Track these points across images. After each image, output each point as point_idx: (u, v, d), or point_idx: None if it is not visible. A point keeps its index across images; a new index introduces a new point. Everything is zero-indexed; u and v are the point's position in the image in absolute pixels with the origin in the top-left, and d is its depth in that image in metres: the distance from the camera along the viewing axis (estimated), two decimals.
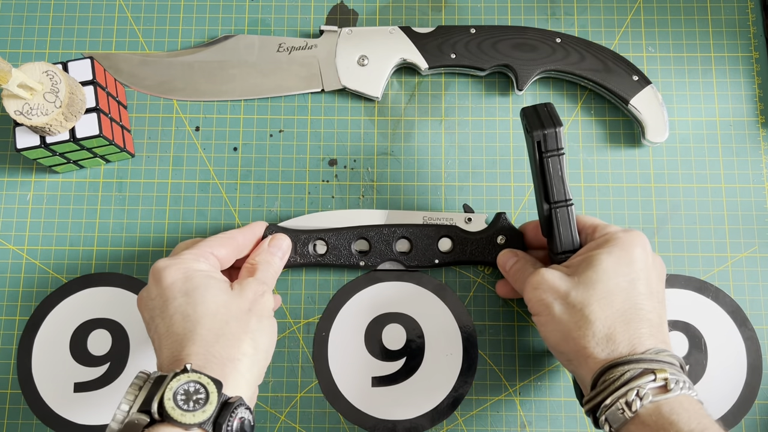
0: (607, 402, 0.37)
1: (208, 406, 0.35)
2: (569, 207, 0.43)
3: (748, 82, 0.57)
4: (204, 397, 0.35)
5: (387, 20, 0.59)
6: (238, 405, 0.36)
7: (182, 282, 0.40)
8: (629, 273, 0.40)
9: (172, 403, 0.34)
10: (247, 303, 0.41)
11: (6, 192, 0.55)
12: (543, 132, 0.41)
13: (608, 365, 0.38)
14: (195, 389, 0.35)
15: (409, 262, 0.52)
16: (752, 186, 0.55)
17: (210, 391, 0.35)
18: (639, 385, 0.37)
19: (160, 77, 0.57)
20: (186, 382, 0.35)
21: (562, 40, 0.55)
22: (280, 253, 0.48)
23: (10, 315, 0.53)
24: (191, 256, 0.43)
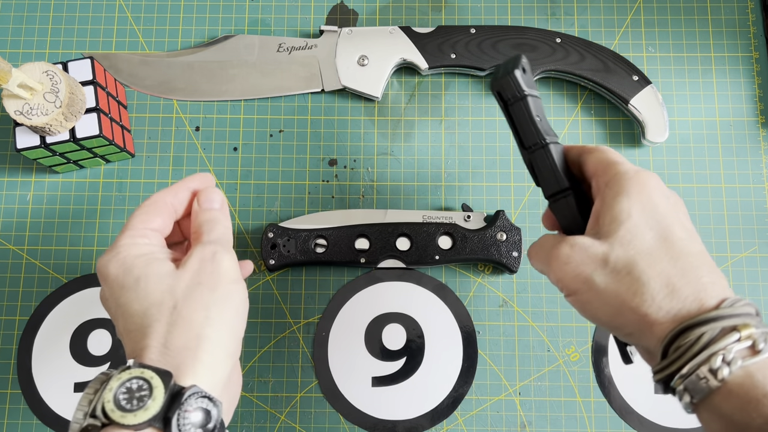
0: (685, 371, 0.31)
1: (152, 402, 0.31)
2: (545, 148, 0.39)
3: (748, 82, 0.57)
4: (147, 393, 0.31)
5: (387, 20, 0.59)
6: (191, 395, 0.32)
7: (123, 276, 0.36)
8: (661, 219, 0.35)
9: (112, 405, 0.31)
10: (192, 277, 0.36)
11: (6, 192, 0.55)
12: (499, 82, 0.40)
13: (681, 329, 0.32)
14: (138, 386, 0.32)
15: (409, 260, 0.52)
16: (752, 186, 0.55)
17: (154, 385, 0.32)
18: (723, 347, 0.30)
19: (160, 77, 0.57)
20: (128, 380, 0.32)
21: (562, 40, 0.55)
22: (216, 204, 0.41)
23: (10, 315, 0.53)
24: (127, 240, 0.38)
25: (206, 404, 0.33)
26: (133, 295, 0.36)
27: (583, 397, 0.52)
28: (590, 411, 0.52)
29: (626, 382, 0.52)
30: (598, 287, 0.34)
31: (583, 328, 0.53)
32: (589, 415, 0.52)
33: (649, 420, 0.51)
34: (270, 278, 0.54)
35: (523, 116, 0.39)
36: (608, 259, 0.34)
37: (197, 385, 0.33)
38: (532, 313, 0.53)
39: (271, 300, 0.54)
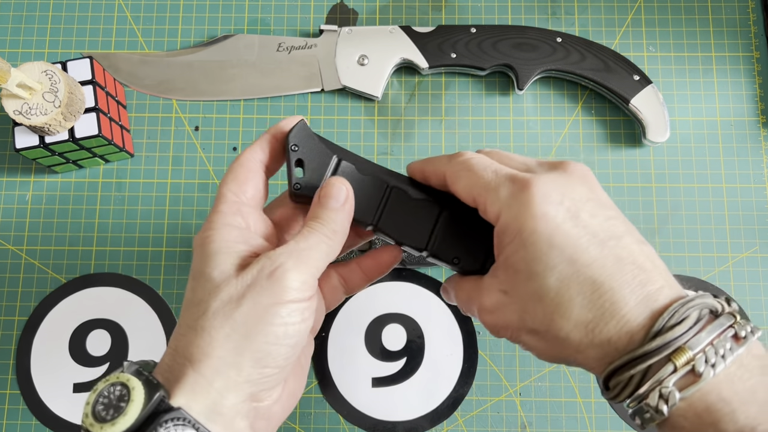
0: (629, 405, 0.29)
1: (121, 418, 0.27)
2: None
3: (749, 81, 0.57)
4: (125, 405, 0.28)
5: (387, 20, 0.59)
6: (171, 418, 0.28)
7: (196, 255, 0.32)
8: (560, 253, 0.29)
9: (90, 410, 0.28)
10: (241, 286, 0.30)
11: (5, 192, 0.55)
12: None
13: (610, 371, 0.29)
14: (120, 393, 0.28)
15: (410, 260, 0.52)
16: (753, 186, 0.55)
17: (133, 397, 0.28)
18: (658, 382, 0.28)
19: (159, 77, 0.57)
20: (112, 384, 0.28)
21: (562, 40, 0.55)
22: (337, 203, 0.34)
23: (9, 315, 0.53)
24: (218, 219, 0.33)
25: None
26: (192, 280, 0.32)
27: (583, 397, 0.52)
28: (591, 411, 0.52)
29: None
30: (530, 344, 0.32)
31: None
32: (589, 416, 0.51)
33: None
34: None
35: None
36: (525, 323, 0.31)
37: (183, 410, 0.28)
38: None
39: None
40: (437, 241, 0.36)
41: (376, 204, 0.37)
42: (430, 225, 0.37)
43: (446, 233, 0.36)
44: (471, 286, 0.34)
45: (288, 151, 0.37)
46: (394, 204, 0.37)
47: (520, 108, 0.57)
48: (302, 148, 0.37)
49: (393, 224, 0.37)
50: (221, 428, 0.29)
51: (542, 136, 0.56)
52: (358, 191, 0.37)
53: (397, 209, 0.37)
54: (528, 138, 0.56)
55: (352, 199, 0.35)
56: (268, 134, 0.36)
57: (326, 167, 0.37)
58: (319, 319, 0.37)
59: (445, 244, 0.36)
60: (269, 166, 0.36)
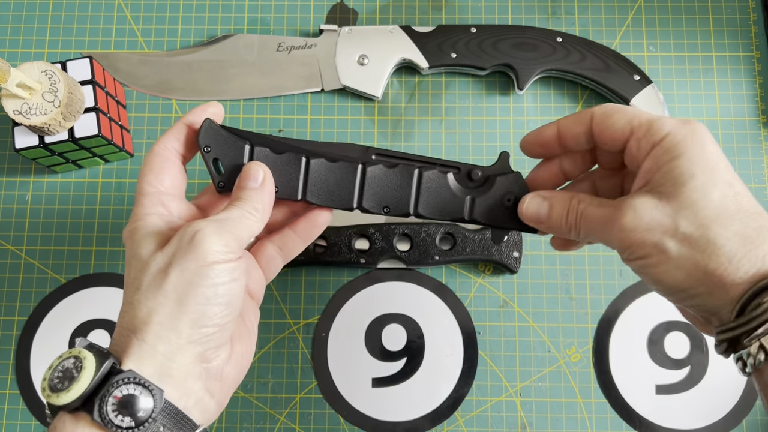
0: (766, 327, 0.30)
1: (75, 384, 0.30)
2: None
3: (749, 81, 0.57)
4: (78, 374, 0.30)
5: (387, 19, 0.59)
6: (121, 380, 0.30)
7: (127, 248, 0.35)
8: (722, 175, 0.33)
9: (46, 384, 0.30)
10: (166, 257, 0.33)
11: (5, 192, 0.55)
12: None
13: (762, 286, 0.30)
14: (74, 365, 0.30)
15: (410, 260, 0.52)
16: (753, 186, 0.55)
17: (84, 365, 0.30)
18: None
19: (159, 77, 0.57)
20: (65, 359, 0.31)
21: (562, 40, 0.55)
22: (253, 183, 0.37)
23: (8, 315, 0.53)
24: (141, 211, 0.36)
25: (139, 391, 0.30)
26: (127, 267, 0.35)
27: (584, 397, 0.52)
28: (591, 412, 0.52)
29: (627, 382, 0.52)
30: (670, 253, 0.33)
31: (584, 329, 0.53)
32: (590, 416, 0.51)
33: (649, 420, 0.51)
34: None
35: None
36: (678, 225, 0.32)
37: (133, 370, 0.30)
38: (533, 314, 0.53)
39: (270, 300, 0.53)
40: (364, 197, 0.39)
41: (297, 177, 0.39)
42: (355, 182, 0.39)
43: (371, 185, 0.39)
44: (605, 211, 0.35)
45: (202, 154, 0.38)
46: (316, 173, 0.39)
47: (520, 108, 0.57)
48: (215, 147, 0.38)
49: (320, 193, 0.39)
50: (173, 389, 0.31)
51: None
52: (276, 171, 0.38)
53: (321, 177, 0.39)
54: None
55: (271, 179, 0.37)
56: (181, 123, 0.38)
57: (242, 158, 0.39)
58: (260, 288, 0.39)
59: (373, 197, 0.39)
60: (185, 155, 0.38)
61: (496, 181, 0.40)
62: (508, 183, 0.40)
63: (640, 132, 0.34)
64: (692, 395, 0.51)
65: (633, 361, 0.52)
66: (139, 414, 0.30)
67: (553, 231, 0.38)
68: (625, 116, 0.35)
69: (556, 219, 0.37)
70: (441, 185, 0.40)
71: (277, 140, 0.39)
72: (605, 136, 0.36)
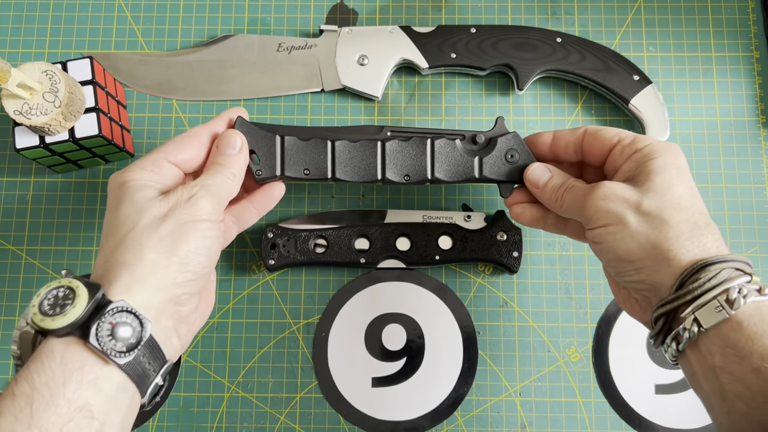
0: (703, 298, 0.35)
1: (72, 309, 0.33)
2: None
3: (749, 81, 0.57)
4: (70, 302, 0.33)
5: (387, 20, 0.59)
6: (115, 308, 0.33)
7: (115, 192, 0.39)
8: (687, 180, 0.40)
9: (36, 309, 0.33)
10: (165, 207, 0.37)
11: (5, 192, 0.55)
12: None
13: (702, 263, 0.36)
14: (64, 293, 0.33)
15: (410, 260, 0.52)
16: (753, 186, 0.55)
17: (78, 294, 0.33)
18: (740, 283, 0.35)
19: (159, 77, 0.57)
20: (56, 287, 0.34)
21: (562, 40, 0.55)
22: (232, 149, 0.42)
23: (9, 315, 0.53)
24: (139, 164, 0.40)
25: (130, 320, 0.34)
26: (111, 211, 0.38)
27: (583, 397, 0.52)
28: (591, 411, 0.52)
29: (627, 382, 0.52)
30: (629, 224, 0.38)
31: (584, 329, 0.53)
32: (589, 416, 0.52)
33: (649, 420, 0.51)
34: (270, 278, 0.54)
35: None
36: (641, 203, 0.38)
37: (125, 301, 0.34)
38: (533, 314, 0.53)
39: (270, 300, 0.54)
40: (386, 169, 0.46)
41: (325, 159, 0.45)
42: (376, 157, 0.46)
43: (391, 157, 0.46)
44: (587, 187, 0.42)
45: None
46: (341, 153, 0.46)
47: (520, 108, 0.57)
48: (248, 140, 0.44)
49: (347, 170, 0.46)
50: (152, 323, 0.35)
51: None
52: (306, 155, 0.45)
53: (346, 156, 0.46)
54: None
55: (246, 148, 0.43)
56: (225, 116, 0.44)
57: (274, 147, 0.45)
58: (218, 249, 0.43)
59: (394, 168, 0.46)
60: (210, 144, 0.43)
61: (497, 141, 0.46)
62: (508, 141, 0.46)
63: (625, 141, 0.42)
64: (692, 395, 0.51)
65: (632, 360, 0.52)
66: (130, 341, 0.33)
67: (543, 197, 0.45)
68: (613, 130, 0.43)
69: (550, 188, 0.44)
70: (451, 151, 0.46)
71: (302, 129, 0.46)
72: (595, 146, 0.43)
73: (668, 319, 0.37)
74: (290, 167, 0.45)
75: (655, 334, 0.38)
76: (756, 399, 0.32)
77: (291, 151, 0.45)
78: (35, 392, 0.31)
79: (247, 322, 0.53)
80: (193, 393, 0.52)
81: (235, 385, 0.52)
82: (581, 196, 0.41)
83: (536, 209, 0.47)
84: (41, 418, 0.30)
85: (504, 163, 0.46)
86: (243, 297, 0.54)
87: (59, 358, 0.32)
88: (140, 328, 0.34)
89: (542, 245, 0.54)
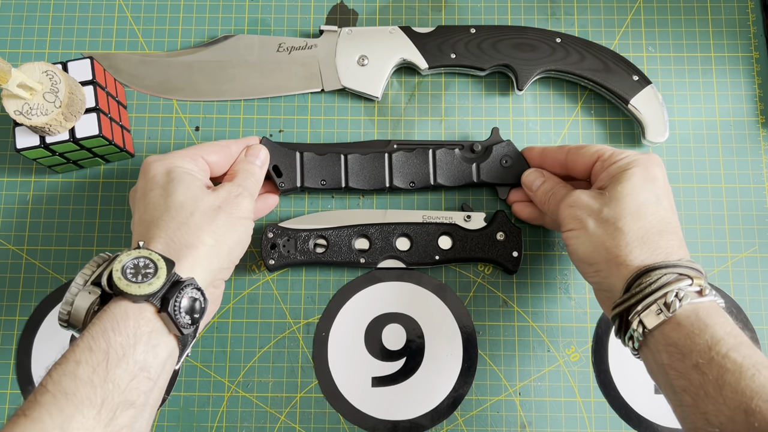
0: (646, 302, 0.38)
1: (156, 279, 0.36)
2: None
3: (749, 81, 0.57)
4: (153, 272, 0.36)
5: (387, 20, 0.59)
6: (189, 285, 0.38)
7: (162, 176, 0.43)
8: (654, 189, 0.43)
9: (120, 274, 0.36)
10: (218, 200, 0.43)
11: (6, 192, 0.55)
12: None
13: (645, 269, 0.39)
14: (145, 264, 0.37)
15: (410, 260, 0.52)
16: (752, 186, 0.55)
17: (159, 266, 0.36)
18: (678, 287, 0.38)
19: (159, 77, 0.57)
20: (136, 257, 0.37)
21: (562, 40, 0.55)
22: (259, 161, 0.49)
23: (9, 315, 0.53)
24: (180, 155, 0.45)
25: (199, 296, 0.38)
26: (163, 192, 0.42)
27: (583, 397, 0.52)
28: (590, 411, 0.52)
29: (626, 382, 0.52)
30: (588, 229, 0.43)
31: (583, 328, 0.53)
32: (589, 416, 0.52)
33: (649, 420, 0.51)
34: (270, 278, 0.54)
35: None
36: (601, 211, 0.43)
37: (194, 278, 0.38)
38: (532, 314, 0.53)
39: (270, 300, 0.54)
40: (393, 177, 0.53)
41: (339, 171, 0.52)
42: (384, 167, 0.53)
43: (397, 167, 0.53)
44: (564, 192, 0.47)
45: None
46: (353, 165, 0.53)
47: (519, 108, 0.57)
48: (272, 157, 0.51)
49: (359, 179, 0.53)
50: None
51: (542, 136, 0.56)
52: (323, 167, 0.52)
53: (358, 167, 0.53)
54: (527, 138, 0.56)
55: (268, 161, 0.50)
56: (245, 141, 0.50)
57: (295, 162, 0.52)
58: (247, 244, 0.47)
59: (401, 176, 0.53)
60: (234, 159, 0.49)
61: (493, 149, 0.53)
62: (503, 149, 0.53)
63: (604, 156, 0.46)
64: None
65: (632, 360, 0.52)
66: (194, 315, 0.38)
67: (535, 199, 0.50)
68: (594, 147, 0.47)
69: (541, 191, 0.49)
70: (451, 159, 0.53)
71: (318, 146, 0.54)
72: (578, 163, 0.48)
73: (622, 319, 0.40)
74: (309, 179, 0.52)
75: (616, 332, 0.41)
76: (698, 393, 0.35)
77: (309, 164, 0.52)
78: (111, 349, 0.34)
79: (247, 322, 0.53)
80: (193, 393, 0.52)
81: (235, 384, 0.52)
82: (558, 201, 0.46)
83: (533, 208, 0.52)
84: (114, 373, 0.34)
85: (500, 168, 0.52)
86: (243, 297, 0.54)
87: (133, 322, 0.35)
88: (205, 304, 0.39)
89: (542, 245, 0.54)
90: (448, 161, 0.53)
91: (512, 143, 0.53)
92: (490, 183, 0.53)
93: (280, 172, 0.52)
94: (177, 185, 0.42)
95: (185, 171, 0.43)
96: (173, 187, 0.42)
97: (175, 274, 0.37)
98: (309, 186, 0.52)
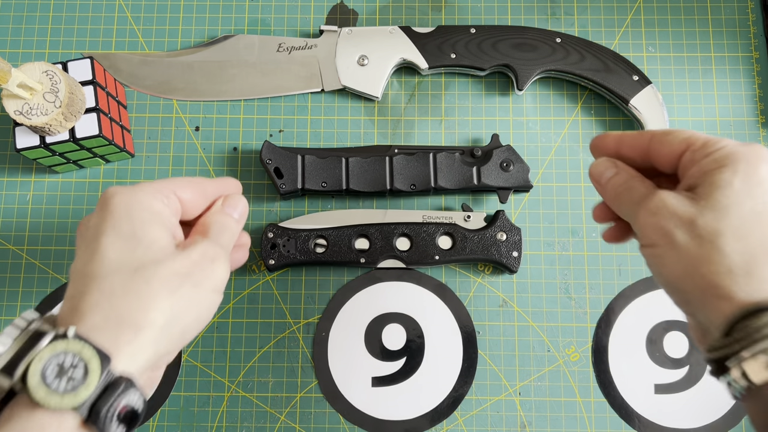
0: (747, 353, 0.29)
1: (83, 388, 0.28)
2: None
3: (748, 82, 0.57)
4: (81, 375, 0.28)
5: (387, 20, 0.59)
6: (127, 387, 0.29)
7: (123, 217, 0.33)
8: (763, 195, 0.32)
9: (39, 378, 0.27)
10: (186, 265, 0.33)
11: (6, 192, 0.55)
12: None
13: (754, 308, 0.29)
14: (72, 363, 0.28)
15: (410, 260, 0.52)
16: None
17: (91, 368, 0.28)
18: None
19: (159, 77, 0.57)
20: (62, 352, 0.28)
21: (562, 40, 0.55)
22: (237, 214, 0.39)
23: (9, 315, 0.53)
24: (149, 189, 0.35)
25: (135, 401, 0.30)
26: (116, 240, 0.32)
27: (583, 397, 0.52)
28: (590, 411, 0.52)
29: (626, 382, 0.52)
30: (678, 245, 0.32)
31: (583, 328, 0.53)
32: (589, 416, 0.52)
33: (649, 420, 0.51)
34: (270, 278, 0.54)
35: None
36: (695, 222, 0.32)
37: (132, 380, 0.30)
38: (532, 313, 0.53)
39: (270, 300, 0.54)
40: (394, 180, 0.53)
41: (340, 173, 0.52)
42: (385, 170, 0.53)
43: (398, 170, 0.53)
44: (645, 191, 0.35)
45: (265, 165, 0.53)
46: (354, 168, 0.53)
47: (519, 108, 0.57)
48: (274, 160, 0.52)
49: (360, 182, 0.52)
50: None
51: (542, 136, 0.56)
52: (324, 171, 0.52)
53: (359, 170, 0.53)
54: (528, 138, 0.56)
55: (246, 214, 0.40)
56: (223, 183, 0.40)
57: (296, 164, 0.52)
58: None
59: (401, 179, 0.53)
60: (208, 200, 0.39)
61: (493, 153, 0.53)
62: (503, 153, 0.53)
63: (696, 145, 0.34)
64: (691, 394, 0.52)
65: (632, 360, 0.52)
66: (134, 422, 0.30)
67: (604, 193, 0.38)
68: (683, 133, 0.35)
69: (612, 184, 0.37)
70: (452, 163, 0.53)
71: (320, 150, 0.54)
72: (662, 153, 0.36)
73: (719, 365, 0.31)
74: (310, 181, 0.52)
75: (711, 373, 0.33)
76: None
77: (310, 167, 0.52)
78: None
79: (247, 322, 0.53)
80: (193, 393, 0.52)
81: (235, 384, 0.52)
82: (636, 200, 0.35)
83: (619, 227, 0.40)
84: None
85: (500, 172, 0.53)
86: (243, 297, 0.54)
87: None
88: (143, 408, 0.30)
89: (542, 245, 0.54)
90: (448, 164, 0.53)
91: (512, 148, 0.53)
92: (491, 186, 0.53)
93: (281, 173, 0.52)
94: (138, 234, 0.33)
95: (152, 215, 0.34)
96: (132, 236, 0.32)
97: (111, 373, 0.29)
98: (309, 188, 0.52)
